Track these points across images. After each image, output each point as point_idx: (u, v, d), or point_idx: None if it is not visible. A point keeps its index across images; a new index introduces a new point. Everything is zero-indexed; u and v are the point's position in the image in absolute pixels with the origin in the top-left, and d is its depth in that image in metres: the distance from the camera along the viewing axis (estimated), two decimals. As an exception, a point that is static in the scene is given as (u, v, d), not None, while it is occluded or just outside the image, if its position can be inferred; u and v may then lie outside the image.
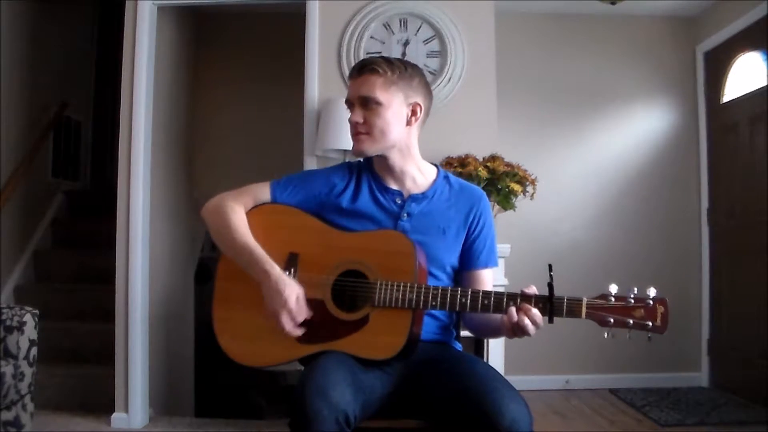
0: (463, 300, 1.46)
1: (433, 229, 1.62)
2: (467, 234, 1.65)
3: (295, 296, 1.48)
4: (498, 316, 1.49)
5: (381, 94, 1.57)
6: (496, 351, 2.81)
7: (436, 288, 1.48)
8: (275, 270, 1.50)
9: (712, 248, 4.19)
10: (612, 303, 1.39)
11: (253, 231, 1.60)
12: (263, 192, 1.67)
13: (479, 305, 1.45)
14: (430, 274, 1.58)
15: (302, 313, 1.49)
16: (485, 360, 2.70)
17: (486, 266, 1.67)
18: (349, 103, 1.62)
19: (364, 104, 1.59)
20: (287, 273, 1.55)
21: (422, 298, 1.47)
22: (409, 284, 1.47)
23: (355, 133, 1.61)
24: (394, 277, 1.48)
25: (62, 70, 4.59)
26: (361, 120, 1.59)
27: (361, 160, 1.71)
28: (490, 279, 1.69)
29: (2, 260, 3.73)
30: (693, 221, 4.27)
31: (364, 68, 1.59)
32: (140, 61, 3.19)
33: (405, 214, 1.62)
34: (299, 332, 1.49)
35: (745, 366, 3.77)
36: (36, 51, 4.18)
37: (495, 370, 1.50)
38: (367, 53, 3.16)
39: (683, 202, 4.28)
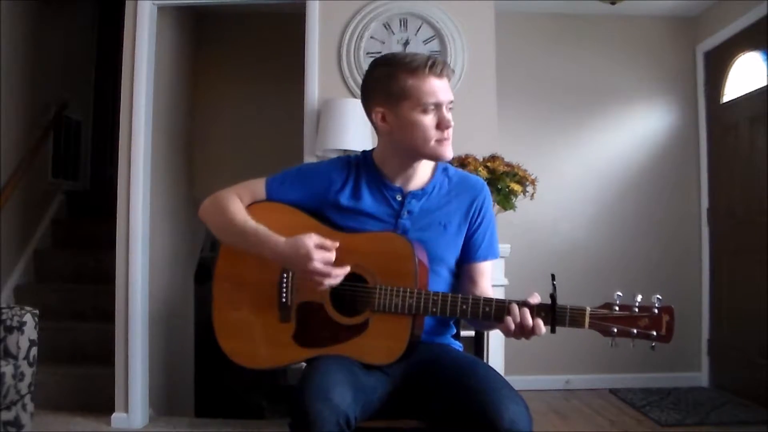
0: (464, 307, 1.45)
1: (434, 225, 1.59)
2: (468, 227, 1.62)
3: (311, 243, 1.43)
4: None
5: None
6: (496, 351, 2.81)
7: (436, 294, 1.46)
8: (282, 239, 1.47)
9: (712, 248, 4.18)
10: (616, 312, 1.36)
11: None
12: (258, 188, 1.63)
13: (480, 312, 1.44)
14: (432, 271, 1.56)
15: (326, 253, 1.43)
16: (485, 360, 2.70)
17: (485, 259, 1.64)
18: (435, 106, 1.51)
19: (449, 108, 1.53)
20: (285, 276, 1.55)
21: (422, 304, 1.46)
22: (408, 290, 1.46)
23: (448, 137, 1.52)
24: (393, 281, 1.47)
25: (62, 70, 4.58)
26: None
27: (360, 154, 1.67)
28: (489, 271, 1.66)
29: (2, 260, 3.73)
30: (693, 221, 4.27)
31: (445, 68, 1.52)
32: (140, 61, 3.19)
33: (405, 212, 1.58)
34: (343, 271, 1.45)
35: (745, 366, 3.77)
36: (36, 51, 4.18)
37: (495, 370, 1.49)
38: (367, 53, 3.16)
39: (683, 202, 4.27)
